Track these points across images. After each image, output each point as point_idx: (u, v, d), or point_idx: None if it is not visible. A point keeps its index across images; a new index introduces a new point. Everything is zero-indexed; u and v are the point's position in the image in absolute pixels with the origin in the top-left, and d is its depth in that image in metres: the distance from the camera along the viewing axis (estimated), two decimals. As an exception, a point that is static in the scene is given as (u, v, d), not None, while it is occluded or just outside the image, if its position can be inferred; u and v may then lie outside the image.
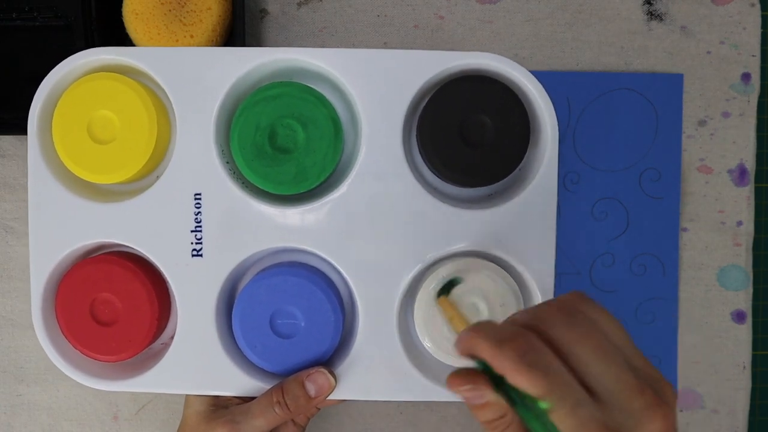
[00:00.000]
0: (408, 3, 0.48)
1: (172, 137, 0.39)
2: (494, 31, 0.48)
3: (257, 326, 0.38)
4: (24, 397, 0.48)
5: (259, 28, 0.48)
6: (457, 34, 0.48)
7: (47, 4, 0.46)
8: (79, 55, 0.39)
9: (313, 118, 0.38)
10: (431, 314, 0.38)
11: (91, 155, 0.38)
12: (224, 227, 0.39)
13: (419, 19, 0.48)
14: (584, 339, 0.25)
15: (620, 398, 0.25)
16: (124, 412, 0.48)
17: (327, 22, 0.48)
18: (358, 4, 0.48)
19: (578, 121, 0.47)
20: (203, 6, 0.44)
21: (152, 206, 0.39)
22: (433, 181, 0.41)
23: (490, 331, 0.26)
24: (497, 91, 0.38)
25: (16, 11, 0.46)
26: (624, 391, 0.25)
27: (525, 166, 0.40)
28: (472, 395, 0.27)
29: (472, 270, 0.37)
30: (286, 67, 0.40)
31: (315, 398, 0.38)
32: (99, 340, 0.39)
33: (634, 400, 0.25)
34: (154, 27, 0.44)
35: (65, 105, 0.38)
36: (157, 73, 0.39)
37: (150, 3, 0.44)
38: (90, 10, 0.45)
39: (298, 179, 0.38)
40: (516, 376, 0.25)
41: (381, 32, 0.48)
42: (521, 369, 0.25)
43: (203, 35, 0.44)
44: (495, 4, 0.48)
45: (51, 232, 0.39)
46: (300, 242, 0.39)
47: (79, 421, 0.48)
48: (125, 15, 0.45)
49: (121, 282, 0.38)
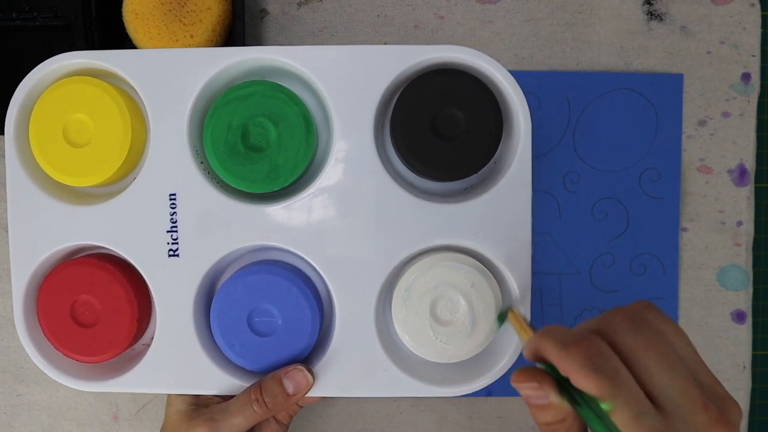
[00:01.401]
0: (408, 3, 0.48)
1: (147, 139, 0.40)
2: (494, 31, 0.48)
3: (235, 325, 0.38)
4: (24, 397, 0.48)
5: (259, 28, 0.48)
6: (457, 34, 0.48)
7: (47, 4, 0.46)
8: (53, 60, 0.39)
9: (284, 116, 0.38)
10: (409, 310, 0.38)
11: (68, 158, 0.38)
12: (200, 227, 0.39)
13: (419, 19, 0.48)
14: (650, 348, 0.25)
15: (684, 411, 0.24)
16: (124, 412, 0.48)
17: (327, 22, 0.48)
18: (358, 4, 0.48)
19: (578, 121, 0.47)
20: (203, 6, 0.44)
21: (128, 208, 0.39)
22: (407, 176, 0.41)
23: (557, 334, 0.26)
24: (469, 84, 0.38)
25: (16, 11, 0.46)
26: (688, 405, 0.24)
27: (499, 159, 0.40)
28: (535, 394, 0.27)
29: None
30: (259, 66, 0.40)
31: (293, 396, 0.38)
32: (80, 342, 0.39)
33: (697, 414, 0.24)
34: (154, 27, 0.44)
35: (41, 109, 0.38)
36: (130, 75, 0.39)
37: (150, 3, 0.44)
38: (90, 10, 0.45)
39: (272, 177, 0.38)
40: (581, 378, 0.25)
41: (381, 32, 0.48)
42: (587, 372, 0.24)
43: (203, 35, 0.44)
44: (495, 4, 0.48)
45: (30, 235, 0.39)
46: (275, 240, 0.39)
47: (79, 421, 0.48)
48: (125, 15, 0.45)
49: (101, 284, 0.38)
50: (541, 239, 0.47)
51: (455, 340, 0.37)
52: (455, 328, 0.37)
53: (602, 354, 0.25)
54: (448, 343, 0.37)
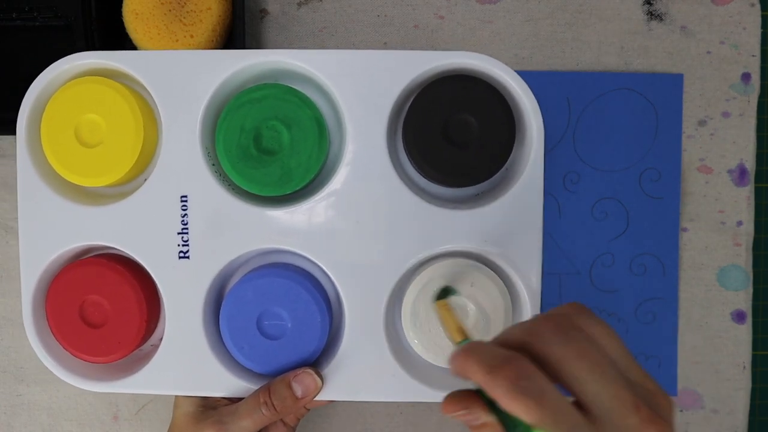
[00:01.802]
0: (408, 3, 0.48)
1: (159, 140, 0.40)
2: (494, 31, 0.48)
3: (244, 327, 0.38)
4: (24, 397, 0.48)
5: (259, 28, 0.48)
6: (457, 34, 0.48)
7: (47, 4, 0.46)
8: (66, 60, 0.39)
9: (297, 120, 0.38)
10: (419, 315, 0.38)
11: (79, 159, 0.38)
12: (211, 229, 0.39)
13: (419, 19, 0.48)
14: (579, 356, 0.25)
15: (615, 416, 0.25)
16: (124, 412, 0.48)
17: (327, 22, 0.48)
18: (358, 4, 0.48)
19: (578, 121, 0.47)
20: (203, 6, 0.44)
21: (139, 209, 0.39)
22: (419, 181, 0.41)
23: (482, 355, 0.26)
24: (482, 91, 0.38)
25: (16, 11, 0.46)
26: (619, 409, 0.25)
27: (511, 166, 0.40)
28: (467, 419, 0.27)
29: (462, 275, 0.37)
30: (272, 69, 0.40)
31: (302, 399, 0.38)
32: (89, 342, 0.39)
33: (629, 417, 0.25)
34: (154, 27, 0.44)
35: (53, 109, 0.38)
36: (143, 76, 0.39)
37: (150, 3, 0.44)
38: (90, 10, 0.45)
39: (284, 181, 0.38)
40: (509, 403, 0.24)
41: (381, 32, 0.48)
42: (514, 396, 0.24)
43: (203, 35, 0.44)
44: (495, 4, 0.48)
45: (41, 235, 0.39)
46: (286, 243, 0.39)
47: (79, 421, 0.48)
48: (125, 15, 0.45)
49: (110, 284, 0.38)
50: (541, 239, 0.47)
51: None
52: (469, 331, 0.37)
53: (528, 376, 0.25)
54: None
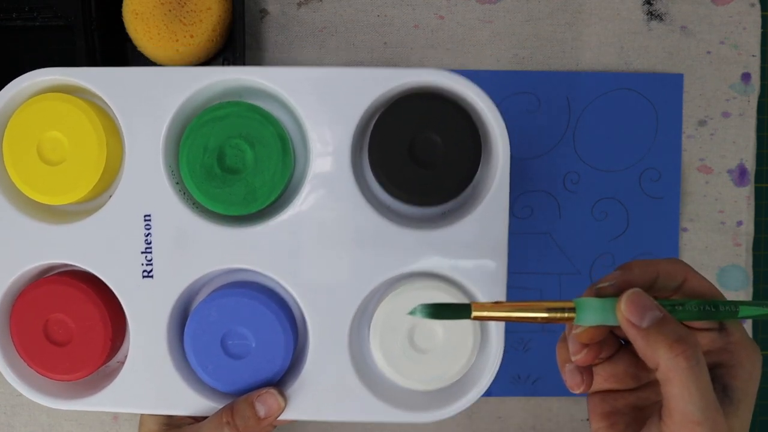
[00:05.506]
0: (408, 3, 0.48)
1: (123, 157, 0.39)
2: (494, 31, 0.48)
3: (209, 347, 0.38)
4: (24, 397, 0.48)
5: (259, 28, 0.48)
6: (457, 34, 0.48)
7: (47, 4, 0.46)
8: (26, 76, 0.38)
9: (261, 137, 0.37)
10: (387, 336, 0.37)
11: (42, 176, 0.38)
12: (174, 248, 0.38)
13: (419, 19, 0.48)
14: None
15: None
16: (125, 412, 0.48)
17: (327, 22, 0.48)
18: (358, 4, 0.48)
19: (578, 121, 0.47)
20: (203, 6, 0.44)
21: (102, 227, 0.38)
22: (385, 199, 0.40)
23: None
24: (447, 109, 0.38)
25: (16, 11, 0.46)
26: None
27: (477, 185, 0.40)
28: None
29: (428, 295, 0.37)
30: (237, 87, 0.39)
31: (264, 419, 0.38)
32: (53, 360, 0.39)
33: None
34: (154, 27, 0.44)
35: (15, 126, 0.38)
36: (105, 93, 0.38)
37: (150, 3, 0.44)
38: (90, 10, 0.45)
39: (248, 200, 0.38)
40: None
41: (381, 32, 0.48)
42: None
43: (203, 35, 0.44)
44: (495, 4, 0.48)
45: (4, 253, 0.39)
46: (250, 263, 0.39)
47: (79, 421, 0.48)
48: (125, 15, 0.45)
49: (75, 302, 0.38)
50: (541, 239, 0.47)
51: (435, 367, 0.37)
52: (435, 354, 0.37)
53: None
54: (428, 370, 0.37)
